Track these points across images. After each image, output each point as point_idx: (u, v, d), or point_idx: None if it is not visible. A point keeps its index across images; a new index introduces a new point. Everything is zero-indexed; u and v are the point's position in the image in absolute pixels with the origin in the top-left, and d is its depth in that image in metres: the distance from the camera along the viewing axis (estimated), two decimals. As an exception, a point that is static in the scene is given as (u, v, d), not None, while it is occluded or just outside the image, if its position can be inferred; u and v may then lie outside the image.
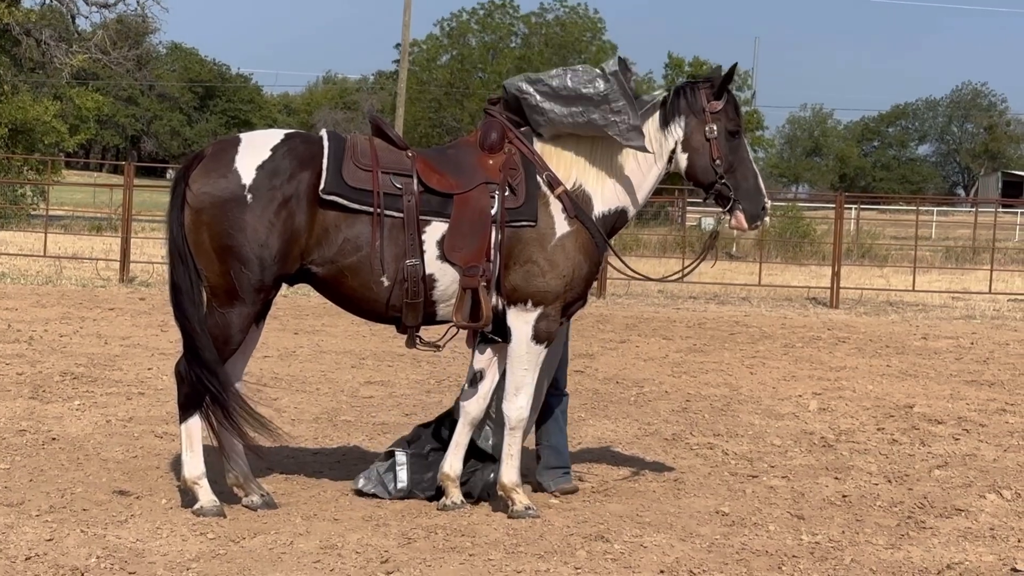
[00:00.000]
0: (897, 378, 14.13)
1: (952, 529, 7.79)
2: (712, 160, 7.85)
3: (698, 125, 7.86)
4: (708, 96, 7.88)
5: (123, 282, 22.38)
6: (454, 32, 72.75)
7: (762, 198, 7.94)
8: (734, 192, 7.87)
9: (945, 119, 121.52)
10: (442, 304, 7.63)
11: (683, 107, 7.88)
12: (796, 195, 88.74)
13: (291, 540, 7.05)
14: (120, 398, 11.21)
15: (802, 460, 9.73)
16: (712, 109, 7.86)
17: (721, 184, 7.88)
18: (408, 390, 12.21)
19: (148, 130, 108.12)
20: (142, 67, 69.68)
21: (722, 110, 7.87)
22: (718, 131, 7.85)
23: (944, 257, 36.36)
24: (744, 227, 7.94)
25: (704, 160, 7.87)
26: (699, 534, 7.48)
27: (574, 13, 71.85)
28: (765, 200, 7.98)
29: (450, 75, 70.34)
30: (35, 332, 14.97)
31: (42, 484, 8.11)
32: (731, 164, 7.88)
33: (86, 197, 47.75)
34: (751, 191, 7.90)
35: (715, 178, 7.88)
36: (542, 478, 8.52)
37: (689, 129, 7.87)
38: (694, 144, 7.87)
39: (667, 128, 7.88)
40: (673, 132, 7.88)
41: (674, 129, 7.88)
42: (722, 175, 7.86)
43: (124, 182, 24.73)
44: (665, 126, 7.88)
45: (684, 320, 19.95)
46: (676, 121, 7.88)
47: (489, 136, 7.76)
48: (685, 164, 7.90)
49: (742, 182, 7.89)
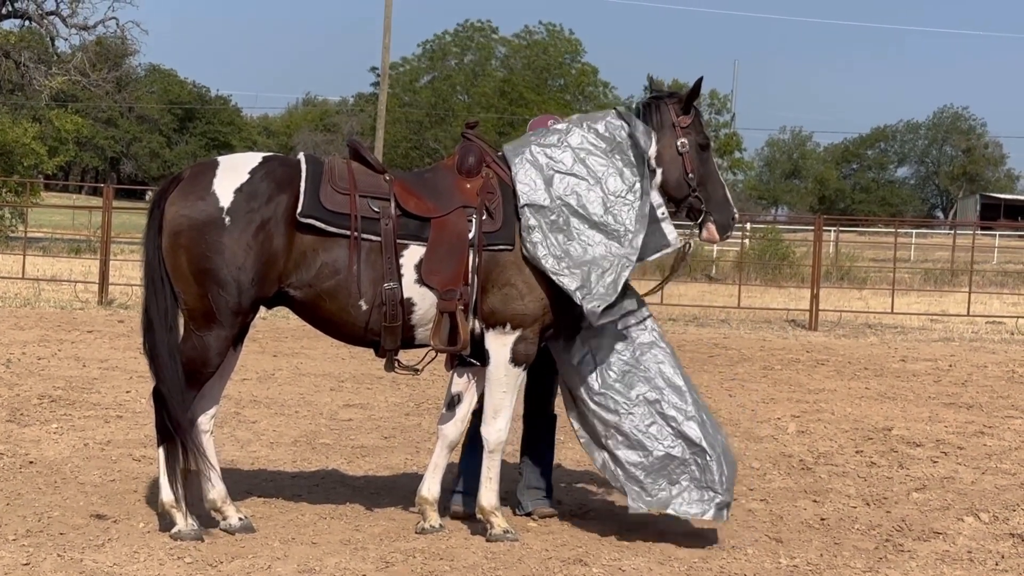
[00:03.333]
0: (876, 400, 14.16)
1: (930, 552, 7.81)
2: (685, 174, 7.90)
3: (670, 140, 7.91)
4: (676, 111, 7.94)
5: (102, 304, 22.31)
6: (436, 54, 72.89)
7: (731, 209, 8.05)
8: (705, 204, 7.93)
9: (925, 142, 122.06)
10: (420, 328, 7.63)
11: (654, 123, 7.93)
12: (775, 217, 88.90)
13: (269, 564, 7.03)
14: (98, 421, 11.18)
15: (781, 483, 9.74)
16: (682, 124, 7.91)
17: (693, 197, 7.93)
18: (387, 413, 12.19)
19: (127, 152, 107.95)
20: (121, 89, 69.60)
21: (691, 124, 7.94)
22: (689, 145, 7.90)
23: (923, 279, 36.41)
24: (716, 238, 8.02)
25: (677, 174, 7.91)
26: (677, 557, 7.49)
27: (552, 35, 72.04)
28: (734, 211, 8.07)
29: (432, 96, 70.45)
30: (13, 355, 14.92)
31: (19, 508, 8.07)
32: (702, 177, 7.93)
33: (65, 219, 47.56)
34: (721, 203, 7.98)
35: (688, 191, 7.93)
36: (522, 497, 8.52)
37: (662, 144, 7.91)
38: (667, 159, 7.91)
39: None
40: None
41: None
42: (695, 188, 7.91)
43: (103, 204, 24.66)
44: None
45: (663, 342, 19.92)
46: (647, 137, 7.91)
47: (467, 160, 7.77)
48: (659, 179, 7.92)
49: (713, 194, 7.96)
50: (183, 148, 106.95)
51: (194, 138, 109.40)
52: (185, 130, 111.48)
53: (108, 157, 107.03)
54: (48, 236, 37.66)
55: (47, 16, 49.11)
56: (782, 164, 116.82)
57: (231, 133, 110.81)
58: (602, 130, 7.87)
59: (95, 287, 23.46)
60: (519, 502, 8.52)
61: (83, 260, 29.82)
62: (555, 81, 71.93)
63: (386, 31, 49.46)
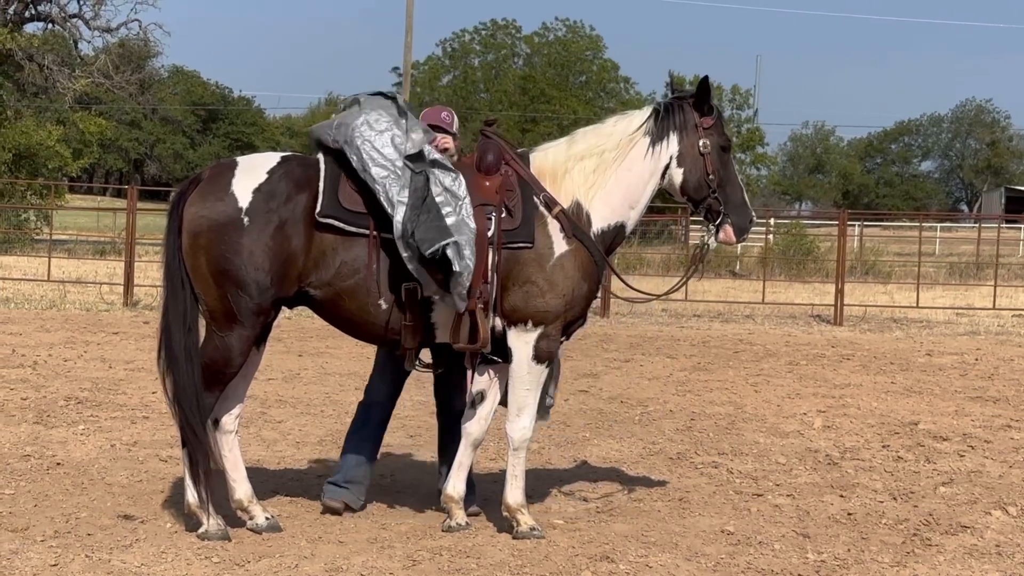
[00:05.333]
0: (902, 395, 14.12)
1: (958, 546, 7.78)
2: (706, 174, 7.88)
3: (692, 140, 7.89)
4: (697, 112, 7.91)
5: (127, 306, 22.40)
6: (456, 53, 72.83)
7: (749, 212, 8.04)
8: (724, 206, 7.92)
9: (949, 135, 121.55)
10: (440, 326, 7.63)
11: (677, 122, 7.91)
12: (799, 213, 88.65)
13: (296, 563, 7.05)
14: (124, 422, 11.21)
15: (807, 478, 9.72)
16: (704, 124, 7.90)
17: (713, 198, 7.92)
18: (412, 411, 12.20)
19: (151, 153, 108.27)
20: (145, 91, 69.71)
21: (713, 125, 7.92)
22: (711, 146, 7.89)
23: (948, 273, 36.31)
24: (732, 240, 8.01)
25: (698, 174, 7.90)
26: (704, 553, 7.47)
27: (572, 32, 71.90)
28: (751, 214, 8.06)
29: (452, 95, 70.42)
30: (39, 357, 14.98)
31: (47, 509, 8.11)
32: (722, 179, 7.92)
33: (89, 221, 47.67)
34: (739, 205, 7.97)
35: (708, 193, 7.92)
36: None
37: (684, 144, 7.89)
38: (689, 159, 7.89)
39: (660, 143, 7.89)
40: (667, 147, 7.89)
41: (668, 144, 7.89)
42: (715, 190, 7.89)
43: (127, 206, 24.76)
44: (658, 142, 7.89)
45: (688, 339, 19.94)
46: (669, 136, 7.89)
47: (485, 158, 7.77)
48: (680, 179, 7.92)
49: (732, 196, 7.95)
50: (206, 149, 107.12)
51: (217, 139, 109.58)
52: (208, 131, 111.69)
53: (132, 159, 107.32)
54: (73, 238, 37.86)
55: (70, 19, 49.25)
56: (805, 159, 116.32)
57: (254, 134, 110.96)
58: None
59: (120, 289, 23.55)
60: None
61: (108, 262, 29.95)
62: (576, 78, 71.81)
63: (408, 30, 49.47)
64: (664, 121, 7.91)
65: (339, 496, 8.30)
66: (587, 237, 7.72)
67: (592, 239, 7.75)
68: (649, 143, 7.89)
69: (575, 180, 7.82)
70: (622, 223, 7.92)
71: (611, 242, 7.93)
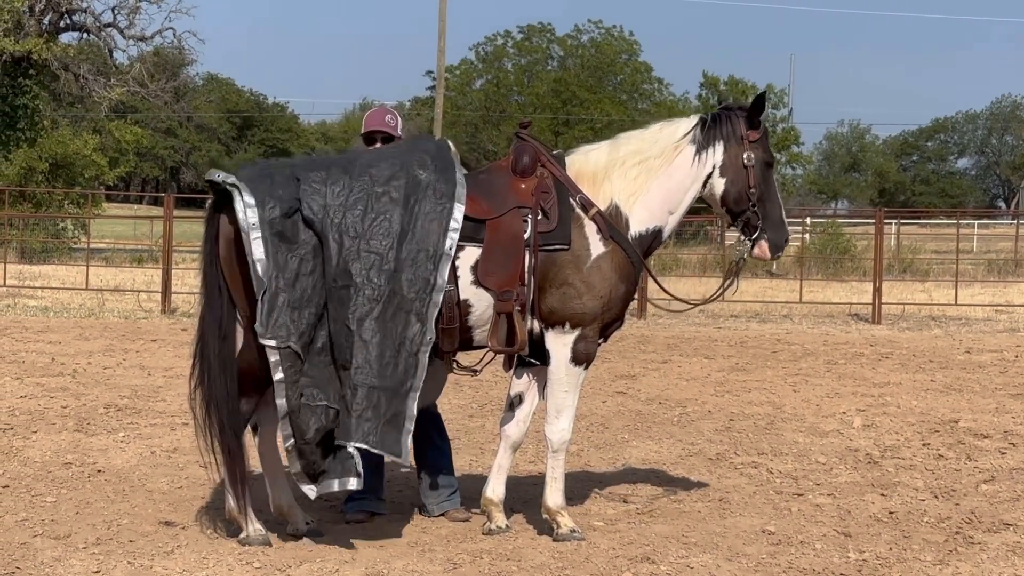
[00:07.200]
0: (941, 393, 14.05)
1: (1000, 544, 7.73)
2: (748, 187, 7.85)
3: (737, 152, 7.86)
4: (746, 124, 7.88)
5: (165, 313, 22.49)
6: (489, 56, 72.81)
7: (786, 231, 8.03)
8: (762, 221, 7.88)
9: (984, 132, 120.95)
10: (478, 329, 7.62)
11: (724, 133, 7.88)
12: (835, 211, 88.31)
13: (337, 568, 7.06)
14: (164, 429, 11.26)
15: (847, 477, 9.68)
16: (751, 138, 7.87)
17: (751, 212, 7.88)
18: (451, 415, 12.18)
19: (187, 161, 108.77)
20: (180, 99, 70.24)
21: (759, 140, 7.89)
22: (755, 160, 7.85)
23: (986, 270, 36.10)
24: (767, 256, 7.96)
25: (740, 186, 7.86)
26: (745, 554, 7.45)
27: (609, 35, 71.80)
28: (788, 232, 8.06)
29: (485, 99, 70.41)
30: (79, 365, 15.06)
31: (88, 516, 8.15)
32: (762, 194, 7.88)
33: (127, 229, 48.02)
34: (777, 222, 7.93)
35: (747, 206, 7.88)
36: (426, 500, 8.48)
37: (729, 155, 7.87)
38: (732, 170, 7.87)
39: (705, 152, 7.87)
40: (712, 156, 7.87)
41: (713, 154, 7.87)
42: (754, 204, 7.86)
43: (164, 213, 24.84)
44: (703, 150, 7.87)
45: (726, 339, 19.89)
46: (715, 146, 7.87)
47: (521, 160, 7.76)
48: (721, 190, 7.89)
49: (770, 213, 7.91)
50: (242, 156, 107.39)
51: (252, 146, 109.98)
52: (243, 138, 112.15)
53: (168, 167, 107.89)
54: (110, 247, 38.05)
55: (105, 28, 49.53)
56: (841, 158, 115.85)
57: (289, 140, 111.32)
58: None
59: (158, 296, 23.64)
60: (423, 505, 8.49)
61: (145, 270, 30.08)
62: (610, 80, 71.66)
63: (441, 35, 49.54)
64: (711, 130, 7.89)
65: (363, 508, 8.34)
66: (624, 239, 7.71)
67: (629, 241, 7.74)
68: (695, 151, 7.87)
69: (616, 184, 7.80)
70: (660, 228, 7.91)
71: (648, 246, 7.91)
